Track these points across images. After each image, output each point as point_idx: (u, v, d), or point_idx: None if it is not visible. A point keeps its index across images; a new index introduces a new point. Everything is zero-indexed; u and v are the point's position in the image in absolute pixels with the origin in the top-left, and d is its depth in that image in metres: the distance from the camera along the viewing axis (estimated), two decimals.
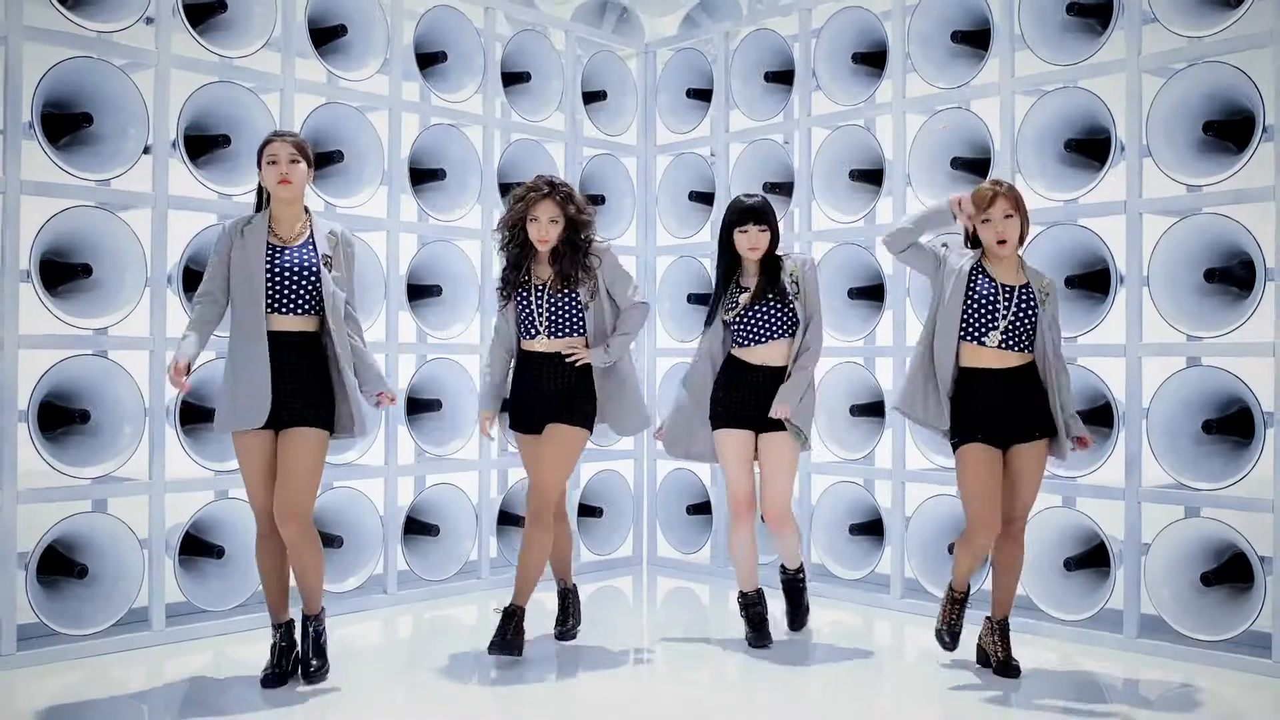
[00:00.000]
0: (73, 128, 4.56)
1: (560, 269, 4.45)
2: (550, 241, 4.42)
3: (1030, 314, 4.18)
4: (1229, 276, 4.53)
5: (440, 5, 5.57)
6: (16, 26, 4.36)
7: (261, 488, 4.06)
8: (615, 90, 6.43)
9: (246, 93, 4.90)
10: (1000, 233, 4.16)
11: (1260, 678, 4.27)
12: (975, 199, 4.21)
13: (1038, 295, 4.20)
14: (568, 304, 4.47)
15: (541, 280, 4.49)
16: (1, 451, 4.27)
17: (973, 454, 4.22)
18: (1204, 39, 4.54)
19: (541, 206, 4.39)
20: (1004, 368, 4.19)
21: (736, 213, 4.60)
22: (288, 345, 4.01)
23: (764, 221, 4.58)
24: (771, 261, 4.63)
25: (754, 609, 4.74)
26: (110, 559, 4.55)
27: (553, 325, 4.47)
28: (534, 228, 4.41)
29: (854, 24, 5.59)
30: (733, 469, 4.64)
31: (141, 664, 4.42)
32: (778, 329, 4.57)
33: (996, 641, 4.33)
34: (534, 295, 4.49)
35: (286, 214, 4.10)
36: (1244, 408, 4.41)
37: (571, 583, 4.91)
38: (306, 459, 4.01)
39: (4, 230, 4.28)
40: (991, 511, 4.20)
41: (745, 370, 4.60)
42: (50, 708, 3.91)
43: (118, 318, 4.58)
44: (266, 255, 4.02)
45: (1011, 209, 4.16)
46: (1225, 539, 4.44)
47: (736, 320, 4.61)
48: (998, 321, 4.17)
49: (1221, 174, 4.51)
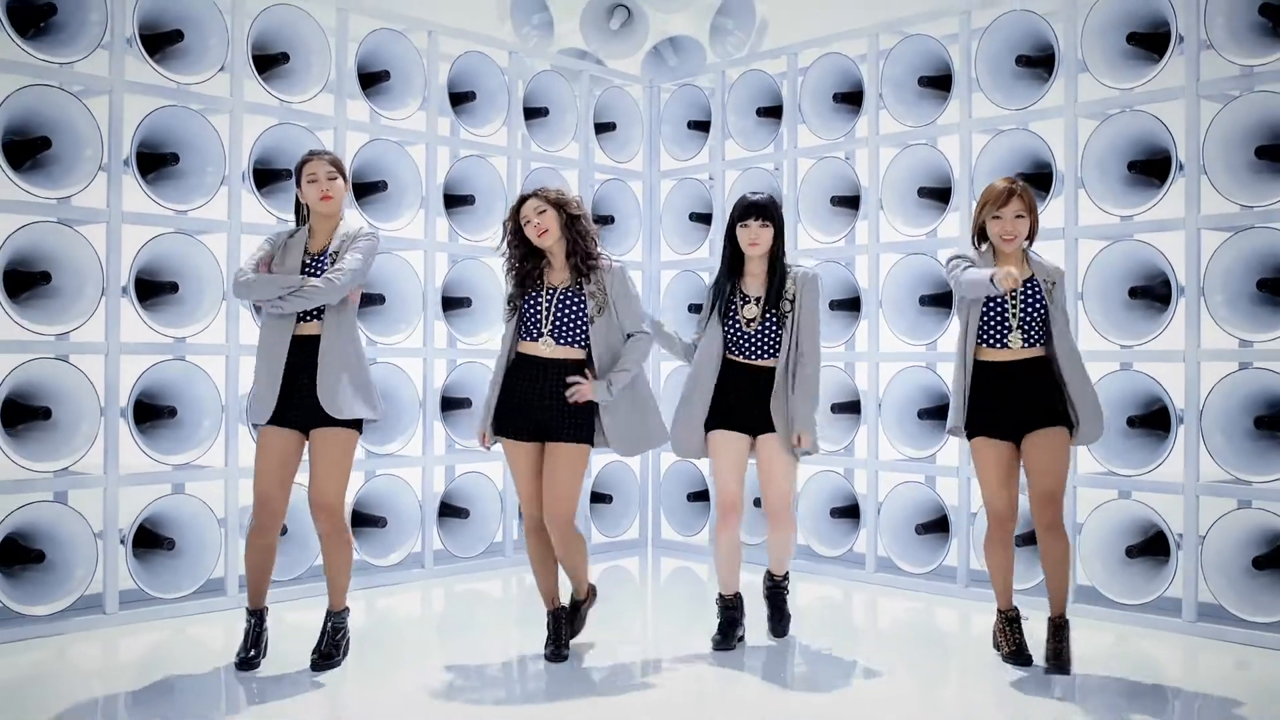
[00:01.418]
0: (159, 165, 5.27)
1: (574, 264, 4.42)
2: (551, 230, 4.39)
3: (1040, 307, 4.30)
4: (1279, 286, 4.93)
5: (470, 51, 6.32)
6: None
7: (266, 480, 4.27)
8: (623, 122, 7.16)
9: (303, 131, 5.65)
10: (1010, 230, 4.31)
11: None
12: (990, 194, 4.35)
13: (1044, 286, 4.32)
14: (576, 308, 4.41)
15: (553, 285, 4.46)
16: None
17: (978, 449, 4.39)
18: (1256, 69, 4.95)
19: (527, 206, 4.43)
20: (1016, 360, 4.31)
21: (740, 208, 4.57)
22: (303, 351, 4.25)
23: (766, 217, 4.52)
24: (776, 273, 4.58)
25: (730, 612, 4.76)
26: (67, 547, 4.89)
27: (557, 329, 4.41)
28: (530, 228, 4.41)
29: (834, 67, 6.33)
30: (724, 471, 4.62)
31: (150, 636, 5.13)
32: (775, 349, 4.57)
33: (1051, 638, 4.41)
34: (543, 297, 4.45)
35: (324, 228, 4.37)
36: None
37: (563, 603, 4.72)
38: (332, 453, 4.27)
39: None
40: (999, 501, 4.37)
41: (742, 372, 4.59)
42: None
43: (78, 323, 4.98)
44: (302, 270, 4.28)
45: (1024, 210, 4.31)
46: (1275, 528, 4.81)
47: (735, 333, 4.59)
48: (1010, 323, 4.30)
49: (1273, 196, 4.92)
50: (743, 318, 4.57)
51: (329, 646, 4.42)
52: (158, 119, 5.17)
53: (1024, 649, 4.45)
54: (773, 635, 4.88)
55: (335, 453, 4.28)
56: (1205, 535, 4.99)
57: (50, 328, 4.94)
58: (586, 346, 4.43)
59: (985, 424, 4.37)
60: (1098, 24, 5.32)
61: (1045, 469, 4.30)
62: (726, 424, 4.60)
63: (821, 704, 4.12)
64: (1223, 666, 4.69)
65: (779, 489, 4.60)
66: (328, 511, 4.31)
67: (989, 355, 4.36)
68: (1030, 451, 4.33)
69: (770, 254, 4.58)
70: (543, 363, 4.41)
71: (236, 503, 5.37)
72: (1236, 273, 5.01)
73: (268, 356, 4.26)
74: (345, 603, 4.48)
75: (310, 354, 4.24)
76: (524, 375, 4.42)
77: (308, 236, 4.36)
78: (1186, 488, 5.09)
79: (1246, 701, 4.22)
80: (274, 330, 4.27)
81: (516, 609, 5.65)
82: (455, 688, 4.24)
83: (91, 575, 4.95)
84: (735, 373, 4.60)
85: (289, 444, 4.30)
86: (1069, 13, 5.44)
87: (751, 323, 4.56)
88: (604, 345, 4.42)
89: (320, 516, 4.32)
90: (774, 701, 4.15)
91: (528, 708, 4.06)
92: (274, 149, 5.58)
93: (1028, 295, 4.31)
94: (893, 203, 6.06)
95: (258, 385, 4.28)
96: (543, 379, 4.40)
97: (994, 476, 4.39)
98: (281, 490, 4.32)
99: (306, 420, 4.28)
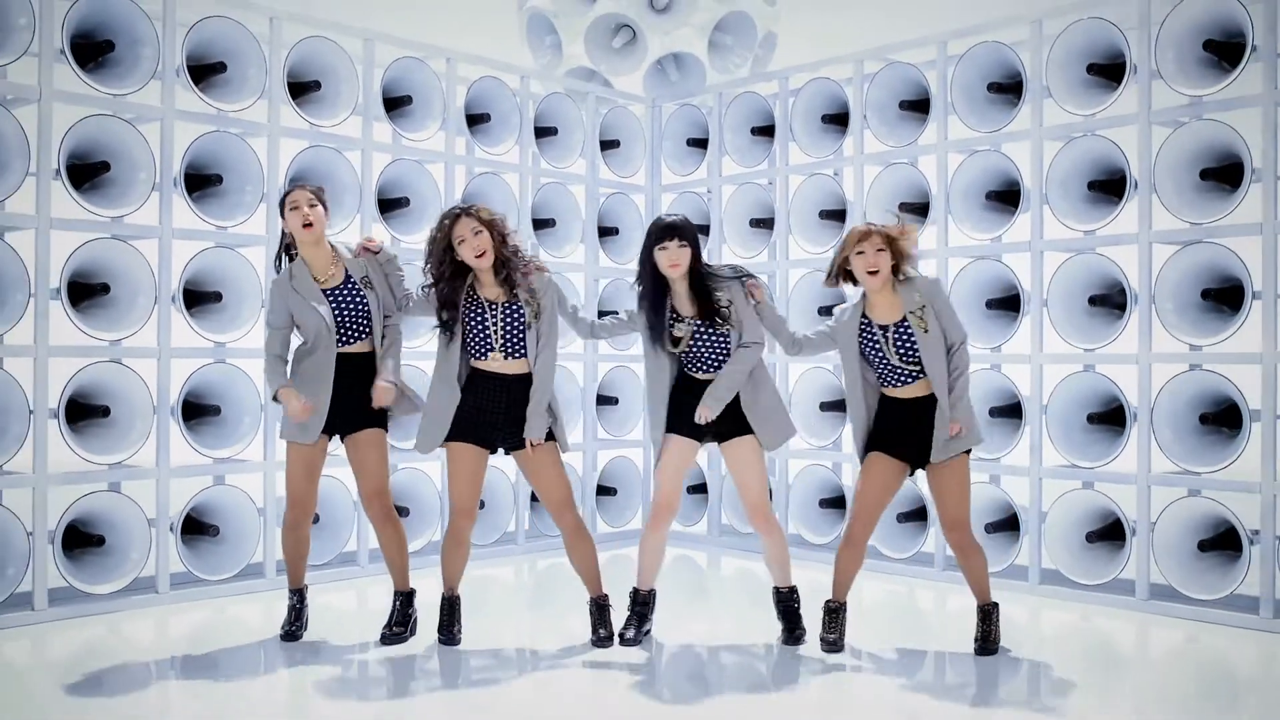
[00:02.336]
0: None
1: (507, 278, 4.59)
2: (486, 251, 4.52)
3: (913, 344, 4.50)
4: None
5: (486, 76, 6.82)
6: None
7: (301, 483, 4.72)
8: (627, 140, 7.66)
9: (333, 152, 6.15)
10: (872, 263, 4.49)
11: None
12: (849, 237, 4.57)
13: (912, 321, 4.50)
14: (518, 321, 4.62)
15: (490, 299, 4.62)
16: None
17: (871, 461, 4.63)
18: (1203, 99, 5.36)
19: (462, 225, 4.54)
20: (916, 396, 4.57)
21: (656, 231, 4.66)
22: (347, 367, 4.70)
23: (683, 237, 4.61)
24: (702, 288, 4.66)
25: (640, 606, 4.89)
26: (123, 533, 5.40)
27: (507, 343, 4.61)
28: (464, 248, 4.52)
29: (823, 91, 6.83)
30: (668, 473, 4.74)
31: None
32: (722, 358, 4.69)
33: (981, 622, 4.74)
34: (487, 313, 4.61)
35: (317, 256, 4.66)
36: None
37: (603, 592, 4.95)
38: (381, 450, 4.80)
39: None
40: (874, 510, 4.66)
41: (695, 384, 4.72)
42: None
43: (133, 330, 5.47)
44: (329, 301, 4.63)
45: (882, 243, 4.50)
46: (1219, 514, 5.24)
47: (682, 354, 4.71)
48: (900, 370, 4.53)
49: (1216, 214, 5.29)
50: (682, 337, 4.67)
51: (398, 623, 4.87)
52: (204, 144, 5.67)
53: (841, 640, 4.74)
54: (784, 643, 4.90)
55: (382, 449, 4.79)
56: (1156, 521, 5.48)
57: (108, 334, 5.44)
58: (525, 355, 4.63)
59: (886, 443, 4.62)
60: (1061, 55, 5.82)
61: (949, 498, 4.58)
62: (681, 429, 4.72)
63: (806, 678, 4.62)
64: (1174, 640, 5.18)
65: (755, 493, 4.73)
66: (381, 499, 4.79)
67: (892, 393, 4.62)
68: (934, 482, 4.62)
69: (690, 272, 4.66)
70: (498, 377, 4.64)
71: (274, 493, 5.87)
72: (1184, 283, 5.50)
73: (313, 379, 4.66)
74: (410, 583, 4.93)
75: (357, 369, 4.72)
76: (483, 390, 4.64)
77: (305, 267, 4.68)
78: (1139, 478, 5.58)
79: (1197, 670, 4.75)
80: (316, 358, 4.67)
81: (529, 594, 6.16)
82: (496, 664, 4.75)
83: (145, 559, 5.46)
84: (689, 382, 4.73)
85: (317, 448, 4.76)
86: (1035, 44, 5.93)
87: (681, 340, 4.67)
88: (535, 352, 4.63)
89: (375, 505, 4.79)
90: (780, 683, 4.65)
91: (552, 689, 4.56)
92: (307, 169, 6.07)
93: (900, 338, 4.52)
94: (876, 217, 6.54)
95: (298, 408, 4.63)
96: (498, 391, 4.63)
97: (876, 487, 4.62)
98: (312, 489, 4.81)
99: (343, 425, 4.75)
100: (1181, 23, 5.43)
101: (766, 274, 7.03)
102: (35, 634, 5.03)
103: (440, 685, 4.40)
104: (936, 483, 4.64)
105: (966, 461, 4.62)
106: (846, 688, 4.41)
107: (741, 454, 4.73)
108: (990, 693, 4.33)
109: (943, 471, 4.59)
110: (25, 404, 5.15)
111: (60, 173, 5.25)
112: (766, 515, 4.77)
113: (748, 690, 4.36)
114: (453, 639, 4.85)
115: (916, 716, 4.05)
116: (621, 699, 4.24)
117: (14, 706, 4.14)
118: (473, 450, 4.69)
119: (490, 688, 4.36)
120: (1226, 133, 5.30)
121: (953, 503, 4.60)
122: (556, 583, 6.30)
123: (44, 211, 5.22)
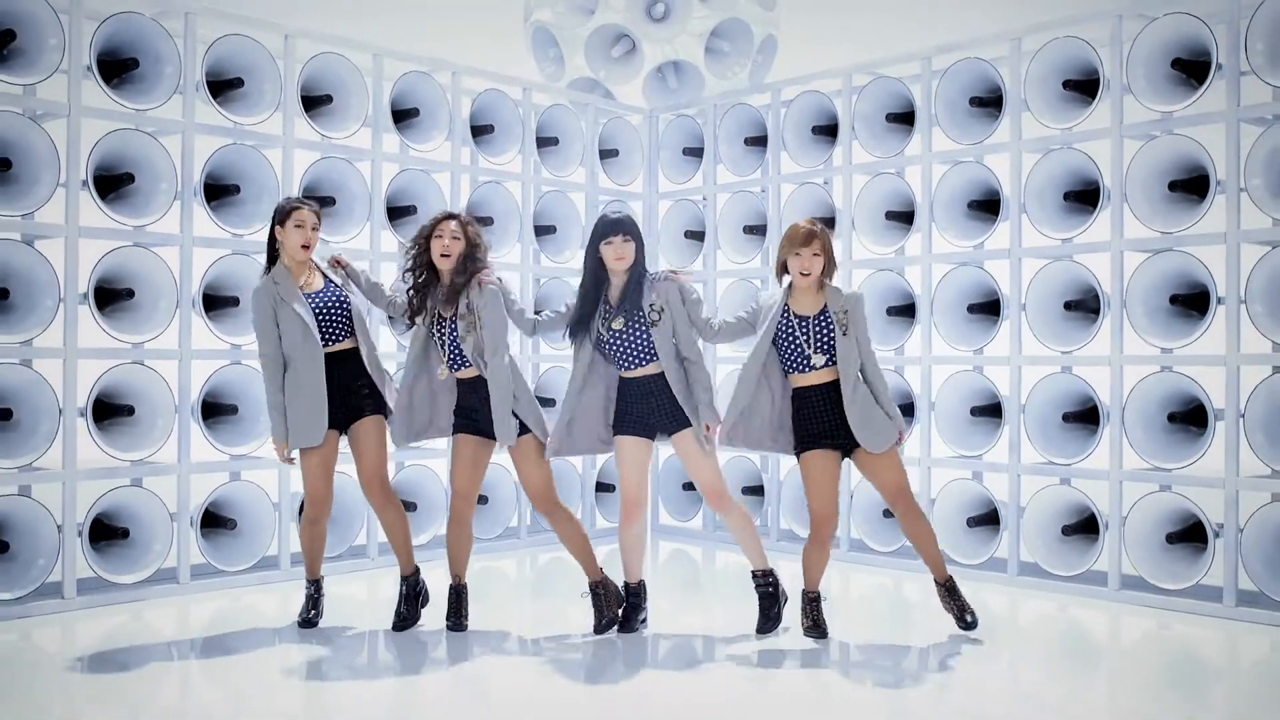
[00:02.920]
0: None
1: (453, 292, 4.92)
2: (452, 256, 4.90)
3: (829, 335, 4.83)
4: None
5: (490, 89, 7.11)
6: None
7: (318, 481, 4.97)
8: (625, 149, 7.94)
9: (344, 163, 6.43)
10: (806, 266, 4.80)
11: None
12: (793, 234, 4.83)
13: (835, 316, 4.80)
14: (454, 335, 4.93)
15: (443, 315, 4.98)
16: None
17: (809, 460, 4.88)
18: (1174, 114, 5.66)
19: (447, 224, 4.97)
20: (820, 383, 4.84)
21: (602, 226, 4.92)
22: (336, 364, 4.98)
23: (628, 233, 4.87)
24: (634, 288, 4.90)
25: (632, 598, 5.19)
26: (146, 526, 5.70)
27: (451, 356, 4.96)
28: (436, 244, 4.92)
29: (813, 103, 7.11)
30: (627, 472, 5.00)
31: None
32: (641, 357, 4.90)
33: (949, 599, 5.02)
34: (434, 328, 5.00)
35: (300, 267, 5.00)
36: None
37: (604, 577, 5.23)
38: (373, 435, 5.07)
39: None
40: (830, 507, 4.88)
41: (629, 383, 4.96)
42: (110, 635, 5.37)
43: (155, 333, 5.75)
44: (311, 304, 4.93)
45: (820, 250, 4.80)
46: (1186, 508, 5.52)
47: (607, 348, 4.95)
48: (807, 350, 4.81)
49: (1184, 223, 5.57)
50: (611, 329, 4.90)
51: (408, 601, 5.16)
52: (222, 156, 5.96)
53: (821, 623, 5.02)
54: (757, 632, 5.06)
55: (379, 435, 5.10)
56: (1128, 515, 5.77)
57: (132, 337, 5.73)
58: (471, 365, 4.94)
59: (814, 436, 4.88)
60: (1038, 71, 6.11)
61: (885, 471, 4.89)
62: (629, 429, 4.98)
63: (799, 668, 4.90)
64: (1145, 627, 5.45)
65: (707, 477, 4.97)
66: (380, 484, 5.08)
67: (798, 381, 4.88)
68: (865, 462, 4.91)
69: (632, 267, 4.92)
70: (463, 381, 5.01)
71: (288, 489, 6.15)
72: (1154, 289, 5.79)
73: (303, 385, 4.90)
74: (414, 563, 5.20)
75: (346, 365, 5.00)
76: (460, 390, 5.04)
77: (287, 273, 4.95)
78: (1112, 474, 5.86)
79: (1167, 655, 5.04)
80: (304, 364, 4.89)
81: (530, 585, 6.45)
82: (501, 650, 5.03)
83: (167, 550, 5.75)
84: (625, 383, 4.98)
85: (330, 445, 5.03)
86: (1014, 61, 6.22)
87: (620, 334, 4.89)
88: (482, 361, 4.90)
89: (374, 490, 5.09)
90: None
91: (562, 679, 4.84)
92: (320, 179, 6.37)
93: (820, 325, 4.83)
94: (864, 223, 6.84)
95: (298, 415, 4.91)
96: (471, 394, 4.98)
97: (825, 484, 4.88)
98: (329, 486, 5.08)
99: (344, 420, 5.04)
100: (1151, 42, 5.72)
101: (759, 278, 7.31)
102: (64, 621, 5.32)
103: (446, 670, 4.68)
104: (869, 462, 4.91)
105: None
106: (837, 676, 4.67)
107: (686, 445, 4.96)
108: (973, 680, 4.58)
109: (862, 457, 4.89)
110: (55, 403, 5.44)
111: (88, 184, 5.54)
112: (722, 497, 5.00)
113: (740, 679, 4.61)
114: (460, 625, 5.13)
115: (902, 703, 4.31)
116: (620, 689, 4.52)
117: (45, 688, 4.42)
118: (468, 439, 5.04)
119: (493, 673, 4.64)
120: (1193, 147, 5.59)
121: (890, 475, 4.89)
122: (557, 575, 6.59)
123: (72, 221, 5.51)
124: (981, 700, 4.35)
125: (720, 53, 8.40)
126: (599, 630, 5.12)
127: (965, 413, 6.43)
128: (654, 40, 8.10)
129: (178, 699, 4.40)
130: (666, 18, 8.09)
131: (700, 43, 8.16)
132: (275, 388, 4.97)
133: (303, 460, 5.04)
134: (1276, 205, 5.43)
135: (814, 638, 5.02)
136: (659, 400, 4.93)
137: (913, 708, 4.25)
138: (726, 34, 8.27)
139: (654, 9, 8.10)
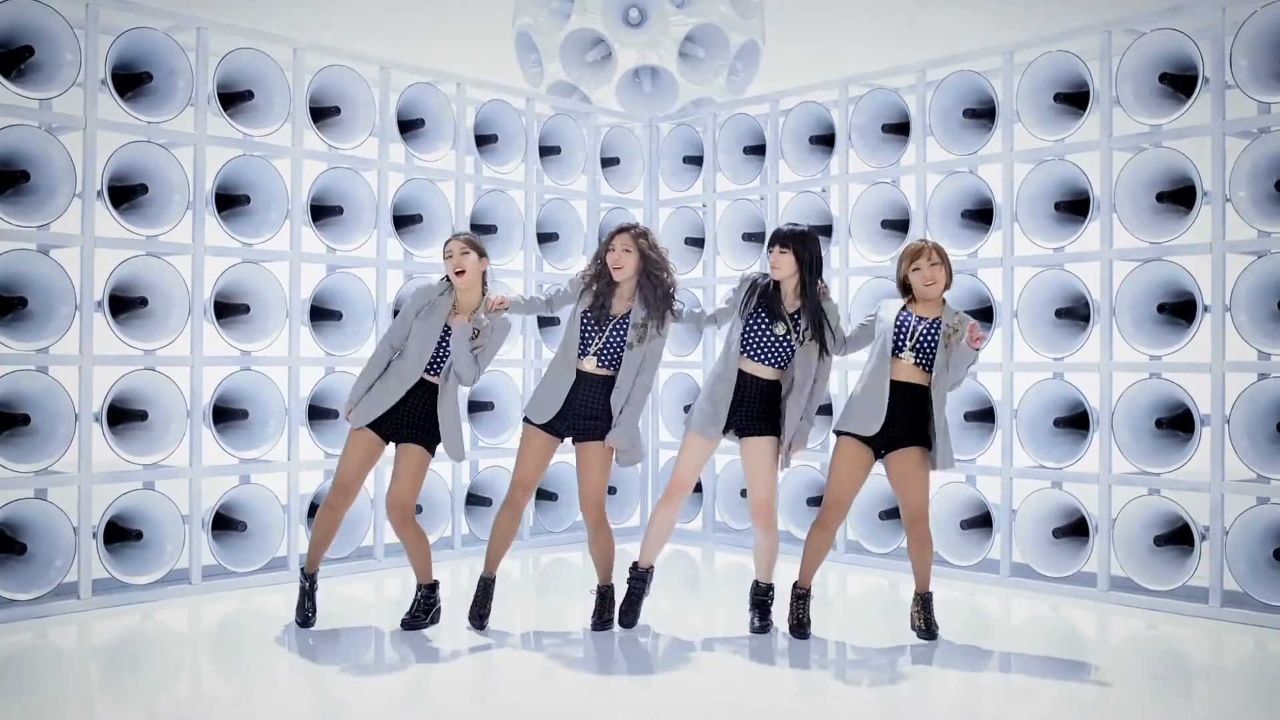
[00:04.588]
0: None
1: (642, 297, 5.07)
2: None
3: (933, 341, 4.93)
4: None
5: (494, 99, 7.25)
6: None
7: (352, 468, 5.09)
8: (626, 157, 8.09)
9: (351, 173, 6.57)
10: (930, 276, 4.96)
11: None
12: (910, 250, 5.00)
13: (944, 330, 4.90)
14: (620, 335, 5.07)
15: (615, 313, 5.11)
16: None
17: (843, 445, 4.99)
18: (1163, 127, 5.80)
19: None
20: (904, 381, 4.94)
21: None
22: (422, 390, 5.12)
23: (784, 245, 4.99)
24: (811, 305, 5.00)
25: (638, 584, 5.31)
26: (158, 529, 5.83)
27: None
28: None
29: (810, 113, 7.25)
30: (686, 462, 5.15)
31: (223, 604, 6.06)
32: (777, 360, 5.06)
33: (923, 610, 5.17)
34: (607, 322, 5.09)
35: (466, 297, 5.18)
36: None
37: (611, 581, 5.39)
38: (413, 465, 5.13)
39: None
40: (848, 495, 5.02)
41: (744, 377, 5.06)
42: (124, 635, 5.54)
43: (167, 340, 5.89)
44: (440, 333, 5.09)
45: (937, 259, 4.98)
46: (1173, 512, 5.68)
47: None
48: (905, 341, 4.94)
49: (1171, 234, 5.74)
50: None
51: (419, 611, 5.25)
52: (233, 167, 6.10)
53: (805, 621, 5.17)
54: (753, 631, 5.25)
55: (415, 466, 5.15)
56: (1116, 518, 5.91)
57: (145, 344, 5.86)
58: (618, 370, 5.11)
59: (863, 423, 4.96)
60: (1030, 84, 6.25)
61: (915, 489, 4.98)
62: (703, 429, 5.08)
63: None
64: (1133, 627, 5.59)
65: (767, 492, 5.05)
66: (403, 509, 5.13)
67: (894, 373, 4.95)
68: (896, 469, 4.98)
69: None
70: (591, 376, 5.11)
71: (297, 492, 6.29)
72: (1142, 298, 5.94)
73: (390, 378, 5.09)
74: (433, 576, 5.30)
75: (428, 394, 5.12)
76: (581, 384, 5.10)
77: (450, 297, 5.16)
78: (1101, 478, 6.01)
79: (1154, 654, 5.18)
80: (405, 367, 5.10)
81: (533, 584, 6.59)
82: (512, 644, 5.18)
83: (179, 552, 5.89)
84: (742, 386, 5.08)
85: (374, 445, 5.16)
86: (1007, 74, 6.37)
87: (780, 339, 5.01)
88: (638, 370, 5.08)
89: (396, 512, 5.13)
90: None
91: (570, 672, 4.98)
92: (328, 189, 6.51)
93: (927, 330, 4.94)
94: (860, 232, 6.98)
95: (369, 395, 5.10)
96: (590, 389, 5.09)
97: (851, 473, 5.01)
98: (359, 479, 5.17)
99: (399, 434, 5.13)
100: (1140, 57, 5.87)
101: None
102: (80, 621, 5.45)
103: (453, 668, 4.81)
104: (906, 476, 4.99)
105: (925, 457, 5.02)
106: (833, 675, 4.82)
107: (758, 453, 5.06)
108: (967, 678, 4.71)
109: (908, 462, 4.96)
110: (71, 409, 5.58)
111: (103, 195, 5.68)
112: (769, 515, 5.09)
113: (738, 677, 4.75)
114: (481, 624, 5.23)
115: (896, 702, 4.44)
116: (620, 689, 4.67)
117: (61, 686, 4.56)
118: (538, 432, 5.17)
119: (499, 671, 4.78)
120: (1180, 159, 5.74)
121: (919, 495, 5.00)
122: (558, 577, 6.73)
123: (88, 231, 5.64)
124: (974, 698, 4.48)
125: (695, 58, 8.48)
126: (596, 628, 5.27)
127: (960, 418, 6.57)
128: (629, 45, 8.22)
129: (189, 696, 4.54)
130: (642, 23, 8.22)
131: (675, 48, 8.27)
132: (376, 368, 5.15)
133: (346, 445, 5.17)
134: (1261, 216, 5.58)
135: (797, 636, 5.16)
136: (758, 404, 5.01)
137: (907, 707, 4.39)
138: (702, 40, 8.38)
139: (629, 14, 8.24)
